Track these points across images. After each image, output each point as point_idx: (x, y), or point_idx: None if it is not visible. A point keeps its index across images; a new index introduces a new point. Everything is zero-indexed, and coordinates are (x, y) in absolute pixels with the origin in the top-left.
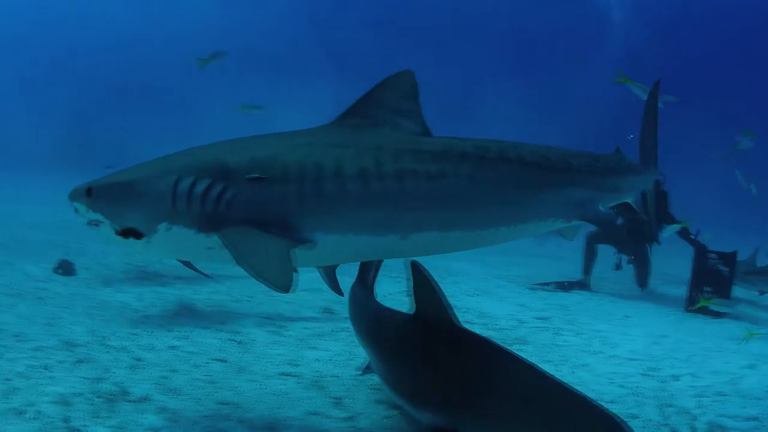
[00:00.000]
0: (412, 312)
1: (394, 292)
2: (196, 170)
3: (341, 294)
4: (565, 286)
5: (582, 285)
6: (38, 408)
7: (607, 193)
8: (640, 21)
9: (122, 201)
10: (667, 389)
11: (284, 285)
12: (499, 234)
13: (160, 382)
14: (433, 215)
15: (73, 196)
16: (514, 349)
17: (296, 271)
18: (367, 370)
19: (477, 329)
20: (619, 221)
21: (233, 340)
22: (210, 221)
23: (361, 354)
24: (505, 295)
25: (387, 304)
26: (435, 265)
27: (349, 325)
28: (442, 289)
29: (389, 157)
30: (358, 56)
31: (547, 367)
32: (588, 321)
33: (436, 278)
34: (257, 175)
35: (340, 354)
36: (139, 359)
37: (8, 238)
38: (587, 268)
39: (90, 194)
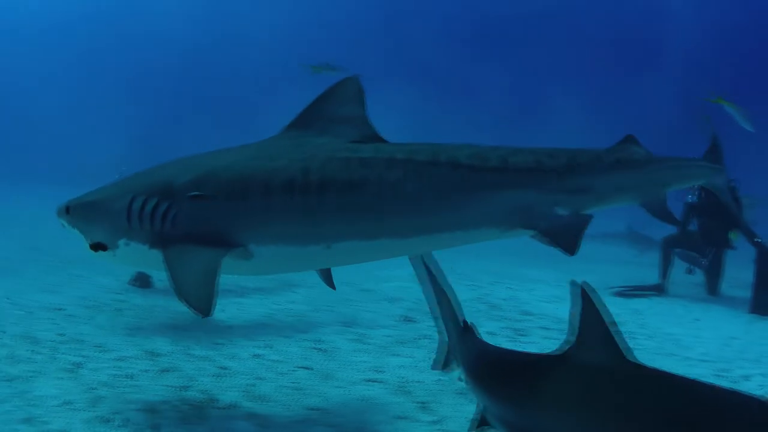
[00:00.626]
0: (570, 347)
1: (468, 299)
2: (148, 190)
3: (333, 288)
4: (644, 290)
5: (659, 289)
6: (126, 416)
7: (572, 195)
8: (703, 22)
9: (91, 218)
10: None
11: (204, 309)
12: (429, 242)
13: (247, 389)
14: (355, 224)
15: (58, 212)
16: None
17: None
18: (482, 423)
19: (555, 334)
20: (693, 226)
21: (316, 348)
22: (159, 238)
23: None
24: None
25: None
26: (509, 273)
27: (431, 332)
28: (521, 297)
29: (314, 168)
30: (431, 64)
31: None
32: (659, 325)
33: (511, 286)
34: (196, 193)
35: (423, 360)
36: (224, 368)
37: (83, 252)
38: (664, 273)
39: (68, 212)
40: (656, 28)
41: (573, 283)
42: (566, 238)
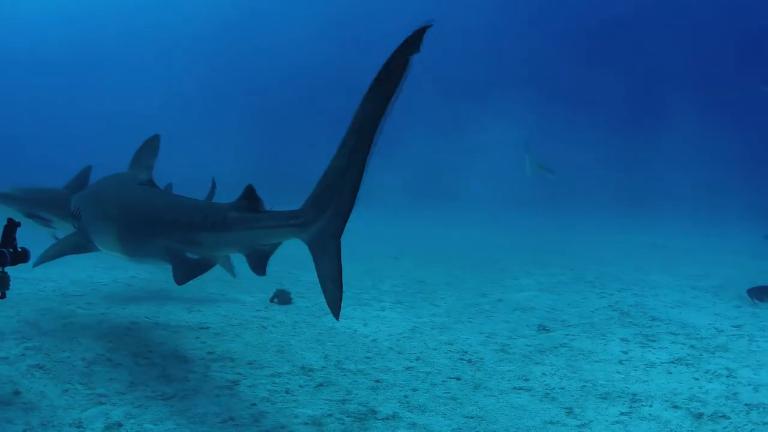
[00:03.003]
0: None
1: (601, 307)
2: (81, 201)
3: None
4: None
5: None
6: (291, 429)
7: (192, 245)
8: None
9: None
10: None
11: (37, 263)
12: (132, 259)
13: (404, 400)
14: (99, 239)
15: None
16: (717, 356)
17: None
18: None
19: (682, 339)
20: None
21: (462, 359)
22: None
23: (585, 368)
24: (701, 305)
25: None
26: (633, 279)
27: (567, 341)
28: (648, 303)
29: (99, 199)
30: (549, 71)
31: (746, 372)
32: None
33: (637, 293)
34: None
35: (563, 368)
36: (378, 380)
37: (219, 271)
38: None
39: None
40: None
41: None
42: (187, 276)
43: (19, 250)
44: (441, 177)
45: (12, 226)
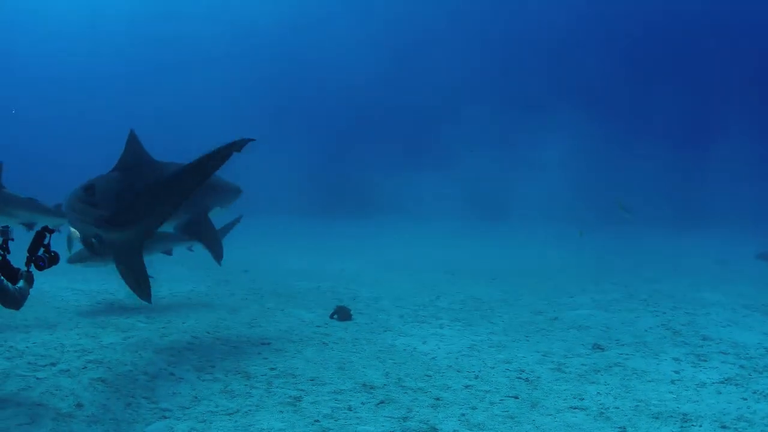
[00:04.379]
0: None
1: (653, 326)
2: None
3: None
4: None
5: None
6: None
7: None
8: None
9: None
10: None
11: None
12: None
13: (463, 419)
14: None
15: None
16: (765, 376)
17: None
18: None
19: (731, 359)
20: None
21: (520, 377)
22: None
23: (638, 387)
24: (751, 324)
25: None
26: (686, 297)
27: (622, 360)
28: (700, 322)
29: None
30: (599, 86)
31: None
32: None
33: (689, 311)
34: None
35: (618, 387)
36: (438, 398)
37: (277, 286)
38: None
39: None
40: None
41: None
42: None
43: (52, 254)
44: (495, 193)
45: (47, 232)
